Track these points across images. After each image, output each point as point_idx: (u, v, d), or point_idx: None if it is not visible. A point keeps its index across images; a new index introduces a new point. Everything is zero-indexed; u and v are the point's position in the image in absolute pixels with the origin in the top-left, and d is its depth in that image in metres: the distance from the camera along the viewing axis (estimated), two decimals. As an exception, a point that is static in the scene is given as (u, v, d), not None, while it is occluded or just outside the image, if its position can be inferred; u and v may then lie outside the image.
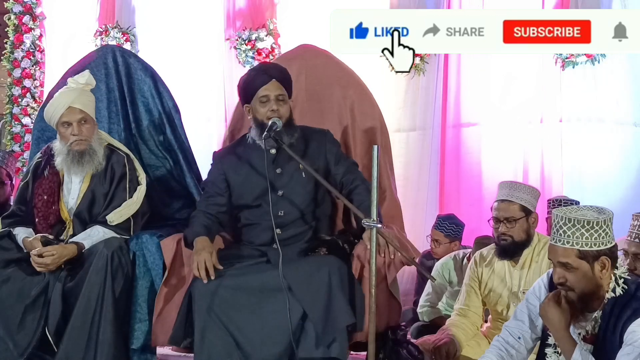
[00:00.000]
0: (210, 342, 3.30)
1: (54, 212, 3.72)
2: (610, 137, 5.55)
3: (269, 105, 3.54)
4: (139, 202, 3.73)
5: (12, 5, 6.10)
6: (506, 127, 5.69)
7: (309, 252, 3.50)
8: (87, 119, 3.71)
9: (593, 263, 2.57)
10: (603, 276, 2.58)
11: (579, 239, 2.55)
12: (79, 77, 3.79)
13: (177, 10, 6.01)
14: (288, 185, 3.59)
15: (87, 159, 3.69)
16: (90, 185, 3.74)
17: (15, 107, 6.07)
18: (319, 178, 3.41)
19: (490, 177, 5.55)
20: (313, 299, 3.28)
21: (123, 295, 3.54)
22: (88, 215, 3.71)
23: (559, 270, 2.60)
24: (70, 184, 3.76)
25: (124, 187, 3.75)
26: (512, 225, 3.43)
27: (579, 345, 2.57)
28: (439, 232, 4.91)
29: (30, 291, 3.51)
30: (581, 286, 2.58)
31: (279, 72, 3.62)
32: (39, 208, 3.71)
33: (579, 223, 2.56)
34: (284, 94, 3.57)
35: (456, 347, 3.36)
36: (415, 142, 5.77)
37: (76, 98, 3.71)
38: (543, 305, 2.67)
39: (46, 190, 3.73)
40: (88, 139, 3.70)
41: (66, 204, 3.75)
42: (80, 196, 3.73)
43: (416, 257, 3.84)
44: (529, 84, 5.66)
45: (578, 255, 2.56)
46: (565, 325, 2.61)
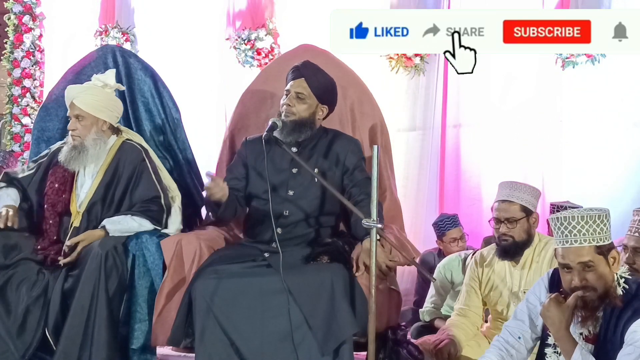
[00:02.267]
0: (210, 343, 3.30)
1: (63, 202, 3.77)
2: (610, 137, 5.55)
3: (286, 99, 3.56)
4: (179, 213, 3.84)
5: (12, 5, 6.10)
6: (506, 127, 5.68)
7: (310, 259, 3.49)
8: (84, 116, 3.76)
9: (608, 257, 2.58)
10: (614, 270, 2.59)
11: (593, 234, 2.56)
12: (103, 75, 3.89)
13: (177, 10, 6.01)
14: (300, 187, 3.60)
15: (75, 154, 3.76)
16: (102, 182, 3.77)
17: (15, 107, 6.07)
18: (321, 180, 3.41)
19: (490, 177, 5.54)
20: (314, 306, 3.29)
21: (117, 295, 3.54)
22: (100, 211, 3.74)
23: (578, 273, 2.58)
24: (83, 178, 3.81)
25: (147, 179, 3.79)
26: (512, 226, 3.43)
27: (579, 346, 2.57)
28: (459, 228, 4.90)
29: (32, 292, 3.52)
30: (601, 284, 2.57)
31: (312, 73, 3.63)
32: (49, 195, 3.78)
33: (590, 219, 2.56)
34: (305, 94, 3.59)
35: (456, 347, 3.36)
36: (416, 142, 5.76)
37: (80, 94, 3.78)
38: (544, 306, 2.66)
39: (59, 179, 3.79)
40: (81, 136, 3.76)
41: (77, 197, 3.77)
42: (92, 192, 3.77)
43: (416, 257, 3.84)
44: (529, 84, 5.66)
45: (596, 251, 2.57)
46: (565, 326, 2.61)
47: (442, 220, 4.98)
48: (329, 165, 3.61)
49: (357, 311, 3.31)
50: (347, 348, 3.27)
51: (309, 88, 3.59)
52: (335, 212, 3.68)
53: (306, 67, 3.65)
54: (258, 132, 3.78)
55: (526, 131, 5.66)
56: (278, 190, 3.58)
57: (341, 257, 3.45)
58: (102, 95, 3.83)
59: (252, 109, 4.24)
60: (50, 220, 3.75)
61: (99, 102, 3.81)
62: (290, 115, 3.56)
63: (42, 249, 3.69)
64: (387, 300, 3.63)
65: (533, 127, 5.65)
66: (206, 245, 3.62)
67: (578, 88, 5.58)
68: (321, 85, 3.63)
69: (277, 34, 5.94)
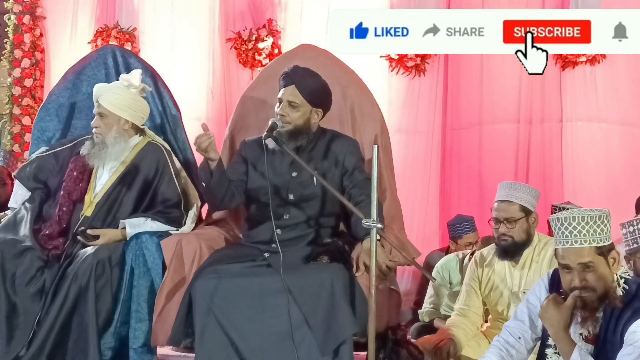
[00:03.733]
0: (210, 343, 3.30)
1: (79, 190, 3.82)
2: (610, 137, 5.55)
3: (279, 108, 3.57)
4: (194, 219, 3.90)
5: (12, 5, 6.10)
6: (506, 127, 5.68)
7: (310, 259, 3.49)
8: (107, 114, 3.83)
9: (608, 258, 2.58)
10: (614, 271, 2.59)
11: (594, 235, 2.55)
12: (129, 75, 3.94)
13: (177, 10, 6.00)
14: (300, 190, 3.59)
15: (96, 150, 3.82)
16: (117, 180, 3.82)
17: (15, 107, 6.06)
18: (322, 181, 3.41)
19: (490, 177, 5.54)
20: (314, 306, 3.28)
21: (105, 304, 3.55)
22: (113, 205, 3.79)
23: (578, 273, 2.58)
24: (102, 170, 3.86)
25: (168, 179, 3.85)
26: (512, 226, 3.43)
27: (577, 346, 2.57)
28: (475, 232, 4.88)
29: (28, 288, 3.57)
30: (601, 285, 2.57)
31: (302, 79, 3.59)
32: (67, 182, 3.83)
33: (591, 220, 2.56)
34: (297, 102, 3.56)
35: (456, 347, 3.36)
36: (416, 142, 5.76)
37: (105, 92, 3.85)
38: (542, 306, 2.66)
39: (79, 167, 3.85)
40: (103, 133, 3.82)
41: (95, 187, 3.82)
42: (105, 188, 3.81)
43: (416, 257, 3.84)
44: (529, 84, 5.66)
45: (597, 252, 2.56)
46: (564, 326, 2.60)
47: (461, 222, 4.95)
48: (328, 167, 3.60)
49: (357, 311, 3.31)
50: (347, 348, 3.27)
51: (301, 95, 3.56)
52: (336, 212, 3.68)
53: (295, 73, 3.61)
54: (258, 132, 3.78)
55: (526, 131, 5.66)
56: (278, 194, 3.58)
57: (341, 257, 3.45)
58: (126, 95, 3.86)
59: (252, 109, 4.24)
60: (64, 207, 3.79)
61: (122, 101, 3.84)
62: (286, 125, 3.55)
63: (48, 236, 3.71)
64: (387, 300, 3.64)
65: (533, 127, 5.65)
66: (206, 245, 3.62)
67: (578, 88, 5.58)
68: (312, 90, 3.59)
69: (278, 34, 5.94)
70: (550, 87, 5.64)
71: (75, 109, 4.25)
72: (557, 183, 5.62)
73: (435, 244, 5.60)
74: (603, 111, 5.57)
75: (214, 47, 5.98)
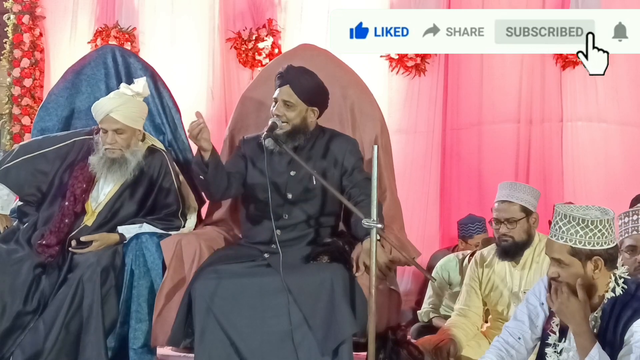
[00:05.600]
0: (210, 343, 3.30)
1: (83, 201, 3.74)
2: (610, 137, 5.55)
3: (274, 108, 3.56)
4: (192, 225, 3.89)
5: (12, 4, 6.10)
6: (506, 127, 5.68)
7: (310, 259, 3.48)
8: (124, 129, 3.72)
9: (585, 262, 2.56)
10: (596, 276, 2.57)
11: (573, 236, 2.55)
12: (134, 85, 3.83)
13: (177, 9, 6.00)
14: (299, 189, 3.59)
15: (116, 167, 3.73)
16: (121, 189, 3.77)
17: (15, 107, 6.06)
18: (321, 181, 3.41)
19: (490, 177, 5.54)
20: (314, 306, 3.28)
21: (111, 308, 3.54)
22: (115, 215, 3.76)
23: (554, 266, 2.60)
24: (104, 181, 3.79)
25: (168, 187, 3.82)
26: (512, 226, 3.43)
27: (597, 344, 2.51)
28: (486, 233, 4.88)
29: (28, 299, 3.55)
30: (573, 282, 2.56)
31: (296, 78, 3.58)
32: (74, 193, 3.74)
33: (574, 220, 2.56)
34: (292, 101, 3.56)
35: (456, 347, 3.36)
36: (416, 142, 5.76)
37: (117, 107, 3.71)
38: (561, 300, 2.58)
39: (86, 179, 3.76)
40: (122, 149, 3.73)
41: (95, 198, 3.78)
42: (108, 198, 3.77)
43: (416, 257, 3.84)
44: (529, 84, 5.66)
45: (570, 252, 2.56)
46: (586, 320, 2.56)
47: (473, 222, 4.95)
48: (327, 166, 3.60)
49: (357, 311, 3.31)
50: (346, 348, 3.27)
51: (295, 95, 3.56)
52: (335, 212, 3.68)
53: (289, 73, 3.61)
54: (258, 132, 3.77)
55: (526, 131, 5.66)
56: (277, 193, 3.58)
57: (341, 257, 3.45)
58: (137, 106, 3.80)
59: (252, 109, 4.24)
60: (66, 220, 3.71)
61: (136, 113, 3.78)
62: (284, 126, 3.55)
63: (46, 245, 3.66)
64: (387, 301, 3.63)
65: (533, 127, 5.65)
66: (206, 245, 3.62)
67: (578, 88, 5.58)
68: (307, 88, 3.59)
69: (278, 34, 5.94)
70: (550, 87, 5.64)
71: (75, 109, 4.24)
72: (557, 183, 5.62)
73: (435, 244, 5.60)
74: (603, 111, 5.57)
75: (214, 47, 5.98)
